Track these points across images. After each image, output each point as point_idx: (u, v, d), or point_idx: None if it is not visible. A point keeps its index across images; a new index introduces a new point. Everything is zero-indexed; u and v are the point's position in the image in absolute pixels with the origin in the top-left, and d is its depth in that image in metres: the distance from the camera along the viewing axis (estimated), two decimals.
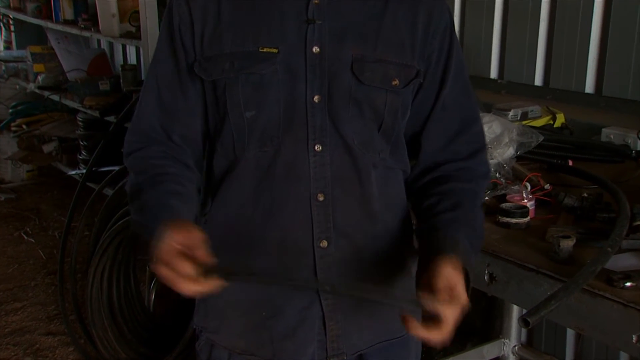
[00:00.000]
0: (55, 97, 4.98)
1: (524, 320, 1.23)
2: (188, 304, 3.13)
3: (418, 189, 1.39)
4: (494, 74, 3.11)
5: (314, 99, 1.27)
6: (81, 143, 4.80)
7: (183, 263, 1.09)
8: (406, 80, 1.31)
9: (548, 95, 2.82)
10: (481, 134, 1.41)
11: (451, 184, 1.35)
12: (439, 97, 1.35)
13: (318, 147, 1.27)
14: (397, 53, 1.30)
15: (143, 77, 4.58)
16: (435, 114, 1.36)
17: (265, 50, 1.26)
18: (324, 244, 1.29)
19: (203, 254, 1.11)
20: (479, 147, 1.40)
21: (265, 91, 1.26)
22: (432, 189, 1.35)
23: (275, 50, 1.25)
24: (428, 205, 1.33)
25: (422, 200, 1.36)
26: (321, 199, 1.28)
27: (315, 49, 1.26)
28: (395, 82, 1.29)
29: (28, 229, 4.74)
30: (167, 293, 3.21)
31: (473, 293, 1.17)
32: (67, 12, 4.72)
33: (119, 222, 3.00)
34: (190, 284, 1.09)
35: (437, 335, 1.10)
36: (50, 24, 4.87)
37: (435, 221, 1.29)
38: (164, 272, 1.09)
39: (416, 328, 1.10)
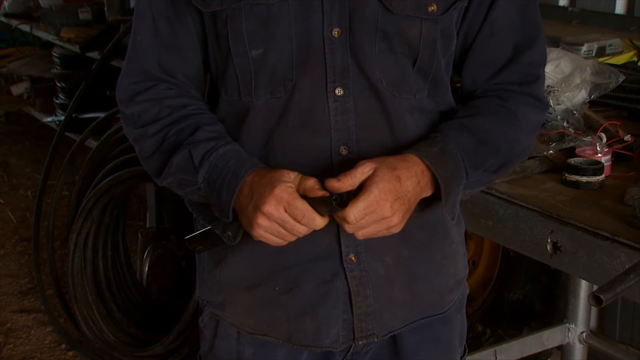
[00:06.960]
0: (26, 28, 5.01)
1: (595, 298, 1.24)
2: (187, 277, 3.15)
3: None
4: (563, 0, 3.07)
5: (333, 32, 1.27)
6: (58, 84, 4.84)
7: (302, 201, 1.21)
8: (446, 4, 1.30)
9: (632, 25, 2.78)
10: (536, 63, 1.39)
11: (480, 99, 1.36)
12: (485, 20, 1.34)
13: (339, 91, 1.28)
14: None
15: (132, 4, 4.57)
16: (480, 41, 1.35)
17: None
18: None
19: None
20: (531, 79, 1.38)
21: (274, 25, 1.27)
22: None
23: None
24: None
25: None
26: (344, 152, 1.29)
27: None
28: (432, 8, 1.28)
29: None
30: (163, 264, 3.27)
31: (531, 266, 1.17)
32: None
33: (105, 180, 3.03)
34: (319, 218, 1.21)
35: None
36: None
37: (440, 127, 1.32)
38: (283, 215, 1.20)
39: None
